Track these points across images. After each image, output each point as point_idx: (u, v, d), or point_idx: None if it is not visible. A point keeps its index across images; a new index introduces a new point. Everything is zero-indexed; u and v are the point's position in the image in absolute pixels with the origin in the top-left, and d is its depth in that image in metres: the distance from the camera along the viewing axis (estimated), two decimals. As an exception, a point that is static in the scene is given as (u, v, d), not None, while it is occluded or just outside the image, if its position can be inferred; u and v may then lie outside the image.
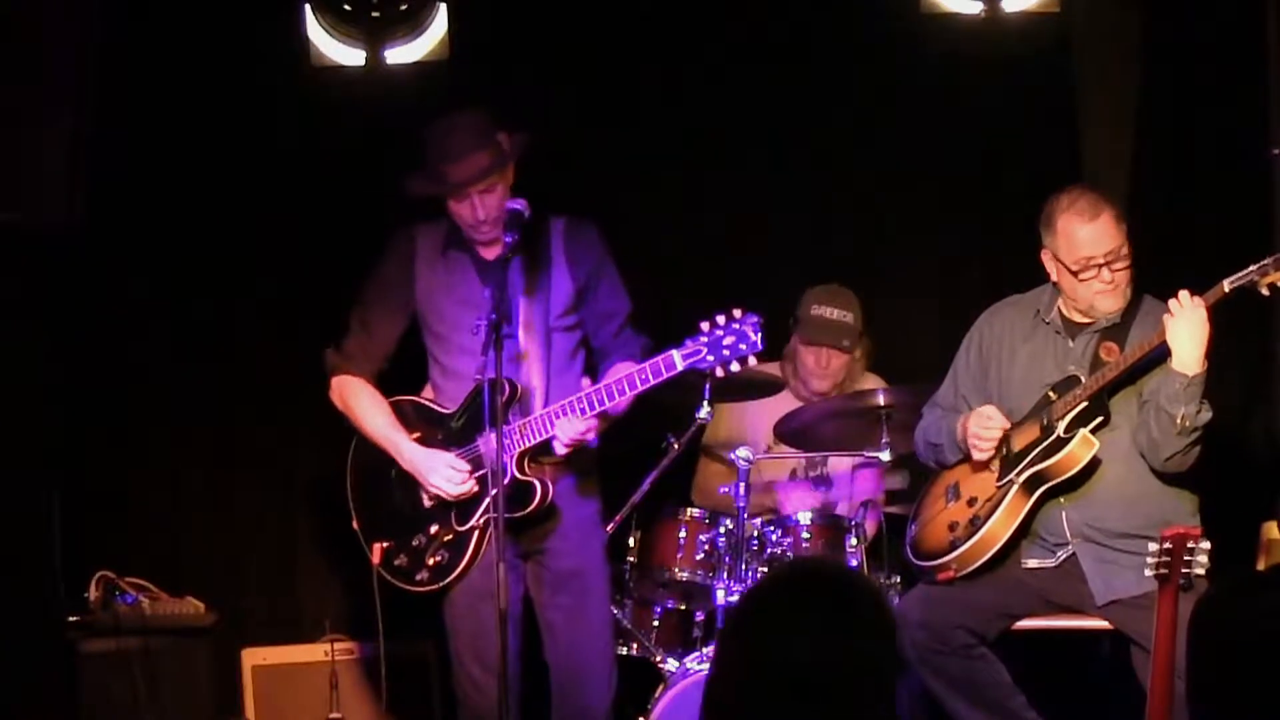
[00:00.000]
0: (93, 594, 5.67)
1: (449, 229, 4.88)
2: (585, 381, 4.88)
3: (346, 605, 6.11)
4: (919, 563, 5.00)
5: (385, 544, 4.88)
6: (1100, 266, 4.75)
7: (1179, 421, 4.59)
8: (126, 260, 6.14)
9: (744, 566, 5.35)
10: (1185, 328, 4.58)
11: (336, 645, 5.78)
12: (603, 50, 6.34)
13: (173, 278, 6.20)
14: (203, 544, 6.27)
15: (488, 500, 4.72)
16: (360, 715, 5.74)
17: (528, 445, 4.73)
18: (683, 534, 5.55)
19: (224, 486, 6.34)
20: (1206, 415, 4.63)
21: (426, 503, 4.85)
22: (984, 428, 4.86)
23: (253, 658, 5.86)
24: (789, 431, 5.71)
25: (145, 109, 6.06)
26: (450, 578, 4.80)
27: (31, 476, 5.55)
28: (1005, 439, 4.89)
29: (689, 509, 5.63)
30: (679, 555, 5.53)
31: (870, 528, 5.66)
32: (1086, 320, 4.86)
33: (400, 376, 5.02)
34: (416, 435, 4.87)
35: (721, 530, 5.50)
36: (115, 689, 5.58)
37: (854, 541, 5.48)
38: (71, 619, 5.60)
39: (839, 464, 6.02)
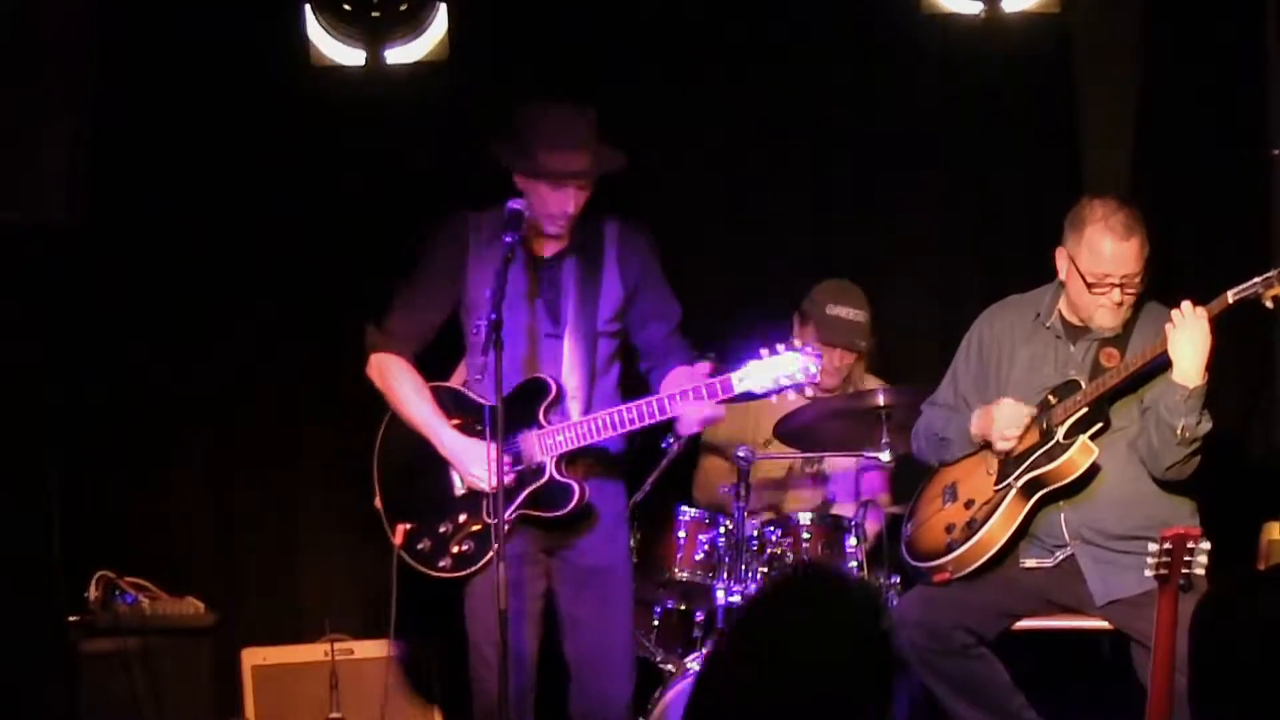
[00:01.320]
0: (93, 594, 5.66)
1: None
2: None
3: (347, 605, 6.11)
4: (915, 563, 5.00)
5: (408, 526, 4.86)
6: (1115, 286, 4.73)
7: (1179, 432, 4.58)
8: (126, 260, 6.14)
9: (744, 566, 5.34)
10: (1187, 339, 4.56)
11: (336, 645, 5.77)
12: (603, 51, 6.33)
13: (173, 277, 6.19)
14: (203, 544, 6.27)
15: (523, 496, 4.72)
16: (360, 715, 5.74)
17: (569, 449, 4.73)
18: (682, 534, 5.55)
19: (224, 486, 6.33)
20: (1207, 426, 4.62)
21: (459, 491, 4.83)
22: (1014, 425, 4.81)
23: (253, 658, 5.84)
24: (789, 431, 5.70)
25: (145, 109, 6.06)
26: (473, 568, 4.78)
27: (32, 476, 5.55)
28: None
29: (689, 509, 5.62)
30: (678, 555, 5.53)
31: (870, 528, 5.65)
32: (1087, 325, 4.86)
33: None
34: (456, 423, 4.83)
35: (721, 530, 5.49)
36: (115, 689, 5.58)
37: (854, 541, 5.47)
38: (71, 619, 5.60)
39: (839, 464, 6.02)
